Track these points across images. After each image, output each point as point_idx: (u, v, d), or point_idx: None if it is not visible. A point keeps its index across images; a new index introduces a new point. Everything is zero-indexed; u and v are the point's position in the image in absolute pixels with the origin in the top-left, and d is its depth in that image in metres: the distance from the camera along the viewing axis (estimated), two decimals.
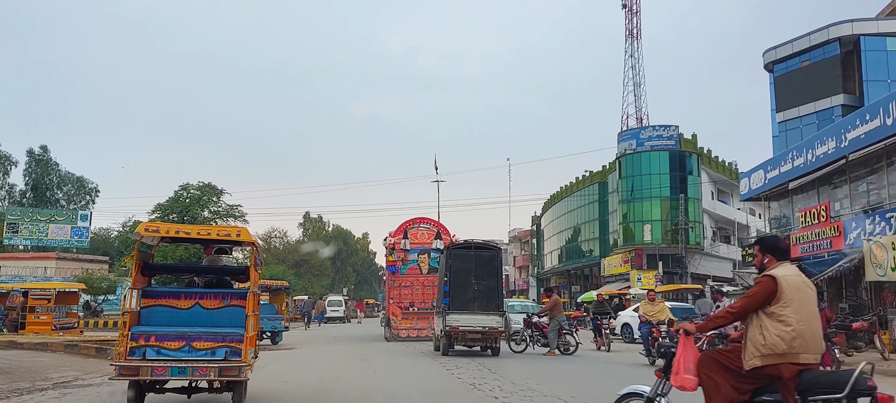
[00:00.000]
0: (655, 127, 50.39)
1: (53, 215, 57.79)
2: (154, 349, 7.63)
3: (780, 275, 4.78)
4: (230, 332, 7.86)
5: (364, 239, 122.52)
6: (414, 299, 25.90)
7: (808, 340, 4.67)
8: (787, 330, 4.64)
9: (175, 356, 7.65)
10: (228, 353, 7.77)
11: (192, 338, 7.73)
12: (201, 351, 7.72)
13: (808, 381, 4.61)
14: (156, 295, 8.23)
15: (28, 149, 71.80)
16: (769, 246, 5.12)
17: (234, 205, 60.17)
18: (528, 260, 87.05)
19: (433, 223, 28.15)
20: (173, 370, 7.63)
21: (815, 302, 4.86)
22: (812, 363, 4.73)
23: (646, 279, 46.78)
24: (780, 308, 4.68)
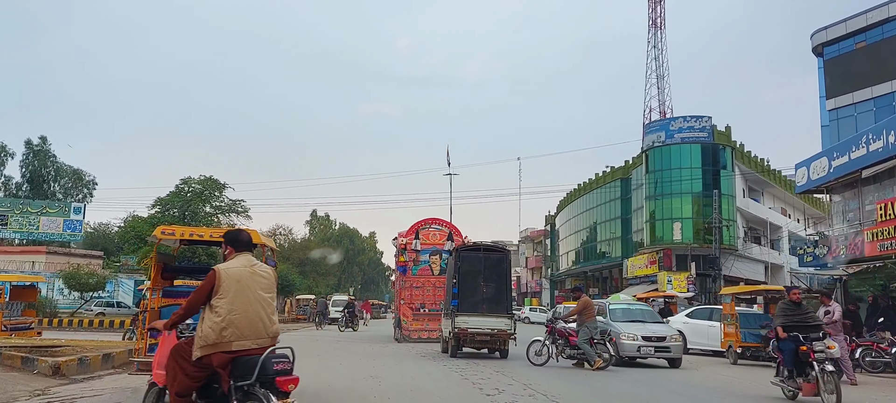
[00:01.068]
0: (686, 117, 46.54)
1: (45, 207, 54.28)
2: None
3: (223, 268, 5.01)
4: None
5: (371, 239, 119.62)
6: (425, 300, 25.41)
7: (241, 328, 4.87)
8: (218, 321, 4.81)
9: None
10: None
11: None
12: None
13: (239, 367, 4.82)
14: (175, 295, 8.71)
15: (26, 140, 68.41)
16: (230, 238, 5.33)
17: (236, 201, 57.40)
18: (542, 261, 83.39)
19: (445, 224, 27.50)
20: None
21: (264, 290, 5.07)
22: (252, 348, 4.89)
23: (676, 281, 43.00)
24: (217, 299, 4.87)
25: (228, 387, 4.77)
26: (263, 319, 4.97)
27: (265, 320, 4.99)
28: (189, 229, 9.83)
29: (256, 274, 5.04)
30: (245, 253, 5.18)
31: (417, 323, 25.02)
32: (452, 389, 11.01)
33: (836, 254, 25.59)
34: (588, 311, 15.63)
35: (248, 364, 4.77)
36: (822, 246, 27.51)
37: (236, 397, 4.76)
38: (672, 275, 43.37)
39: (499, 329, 16.99)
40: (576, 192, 67.05)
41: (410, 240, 26.20)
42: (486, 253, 18.16)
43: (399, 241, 26.88)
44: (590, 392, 11.32)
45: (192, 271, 11.87)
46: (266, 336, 4.96)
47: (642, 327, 16.61)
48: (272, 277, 5.22)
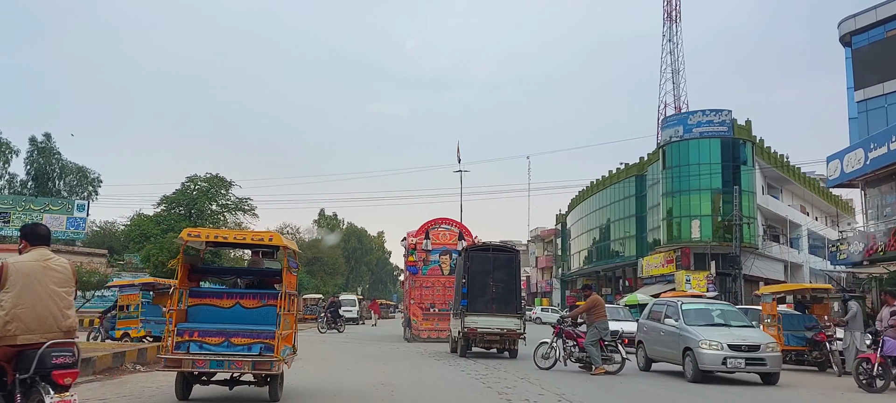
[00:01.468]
0: (705, 111, 44.89)
1: (48, 204, 53.13)
2: (196, 344, 8.33)
3: (12, 262, 4.95)
4: (264, 329, 8.45)
5: (379, 238, 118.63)
6: (435, 300, 25.22)
7: (28, 322, 4.86)
8: (2, 315, 4.79)
9: (214, 350, 8.31)
10: (263, 349, 8.36)
11: (231, 334, 8.40)
12: (238, 347, 8.36)
13: (22, 360, 4.83)
14: (202, 295, 9.00)
15: (30, 137, 67.25)
16: (26, 232, 5.29)
17: (243, 199, 56.30)
18: (552, 260, 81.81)
19: (455, 224, 27.33)
20: (212, 363, 8.29)
21: (58, 284, 5.04)
22: (37, 342, 4.89)
23: (696, 280, 41.41)
24: (3, 293, 4.81)
25: (13, 380, 4.82)
26: (55, 313, 4.99)
27: (57, 314, 5.00)
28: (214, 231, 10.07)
29: (49, 268, 5.04)
30: (41, 247, 5.16)
31: (427, 323, 24.75)
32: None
33: (874, 251, 24.08)
34: (597, 310, 14.24)
35: (30, 357, 4.83)
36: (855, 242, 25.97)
37: (20, 390, 4.83)
38: (691, 275, 41.79)
39: (508, 328, 16.91)
40: (588, 190, 65.48)
41: (420, 240, 25.97)
42: (495, 253, 18.02)
43: (409, 241, 26.69)
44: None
45: (219, 272, 11.97)
46: (57, 331, 4.99)
47: (727, 333, 13.24)
48: (69, 271, 5.21)
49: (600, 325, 14.08)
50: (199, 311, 8.78)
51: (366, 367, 14.45)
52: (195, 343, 8.30)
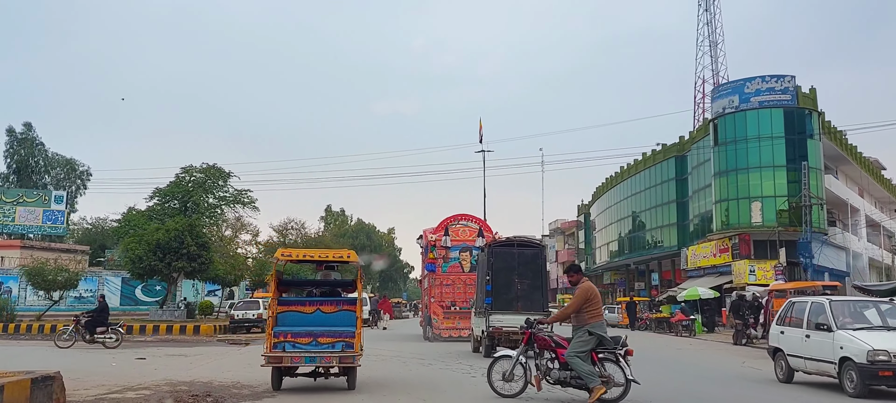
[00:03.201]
0: (765, 77, 38.48)
1: (21, 196, 47.18)
2: (290, 344, 10.01)
3: None
4: (345, 330, 10.19)
5: (389, 235, 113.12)
6: (455, 298, 24.69)
7: None
8: None
9: (305, 348, 10.03)
10: (344, 346, 10.08)
11: (317, 335, 10.12)
12: (324, 345, 10.08)
13: None
14: (288, 303, 10.65)
15: (7, 127, 61.46)
16: None
17: (242, 190, 51.11)
18: (574, 254, 75.58)
19: (475, 219, 26.57)
20: (306, 359, 9.99)
21: None
22: None
23: (761, 271, 35.12)
24: None
25: None
26: None
27: None
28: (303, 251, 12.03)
29: None
30: None
31: (448, 322, 23.89)
32: None
33: None
34: (592, 306, 9.19)
35: None
36: None
37: None
38: (755, 264, 35.48)
39: None
40: (616, 178, 59.27)
41: (439, 237, 25.27)
42: (520, 249, 17.30)
43: (427, 238, 26.10)
44: None
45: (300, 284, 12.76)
46: None
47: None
48: None
49: (596, 328, 9.17)
50: (287, 317, 10.39)
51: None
52: (289, 343, 10.01)
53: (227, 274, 37.47)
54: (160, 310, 33.52)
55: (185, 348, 21.56)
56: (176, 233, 32.95)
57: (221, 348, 22.09)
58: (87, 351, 19.13)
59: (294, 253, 11.44)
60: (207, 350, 20.67)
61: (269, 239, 76.31)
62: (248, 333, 30.10)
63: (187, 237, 32.77)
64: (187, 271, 32.96)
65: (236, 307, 30.90)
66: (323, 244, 77.28)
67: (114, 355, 18.31)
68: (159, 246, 32.54)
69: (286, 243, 77.88)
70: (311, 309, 10.50)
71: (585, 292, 9.18)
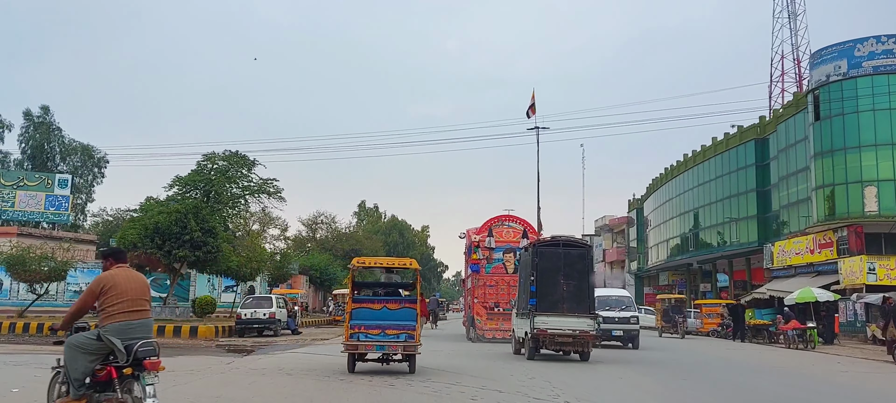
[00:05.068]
0: (879, 38, 31.47)
1: (22, 179, 42.05)
2: (363, 334, 11.91)
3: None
4: (407, 324, 12.02)
5: (422, 233, 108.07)
6: (499, 299, 24.42)
7: None
8: None
9: (376, 338, 11.92)
10: (407, 337, 11.91)
11: (385, 327, 11.93)
12: (391, 336, 11.89)
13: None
14: (360, 301, 12.48)
15: (25, 111, 56.89)
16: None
17: (268, 180, 45.90)
18: (624, 253, 68.79)
19: (519, 220, 26.18)
20: (377, 347, 11.94)
21: None
22: None
23: (883, 269, 28.31)
24: None
25: None
26: None
27: None
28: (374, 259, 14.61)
29: None
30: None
31: (492, 323, 23.82)
32: None
33: None
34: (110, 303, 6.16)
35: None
36: None
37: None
38: (875, 261, 28.62)
39: (581, 329, 15.62)
40: (677, 167, 52.50)
41: (483, 238, 25.15)
42: (565, 249, 16.65)
43: (470, 239, 26.08)
44: None
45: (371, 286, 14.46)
46: None
47: None
48: None
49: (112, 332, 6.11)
50: (360, 312, 12.19)
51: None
52: (362, 333, 11.91)
53: (241, 267, 31.73)
54: (159, 308, 27.80)
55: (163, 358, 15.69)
56: (177, 217, 27.25)
57: (214, 357, 16.17)
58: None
59: (367, 261, 13.46)
60: (190, 363, 14.79)
61: (298, 234, 71.38)
62: (258, 337, 24.23)
63: (191, 220, 27.06)
64: (191, 261, 27.19)
65: (244, 304, 25.01)
66: (355, 239, 72.13)
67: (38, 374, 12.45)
68: (158, 231, 26.88)
69: (316, 237, 73.14)
70: (379, 306, 12.17)
71: (97, 283, 6.29)
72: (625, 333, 19.07)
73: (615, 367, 15.12)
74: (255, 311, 23.90)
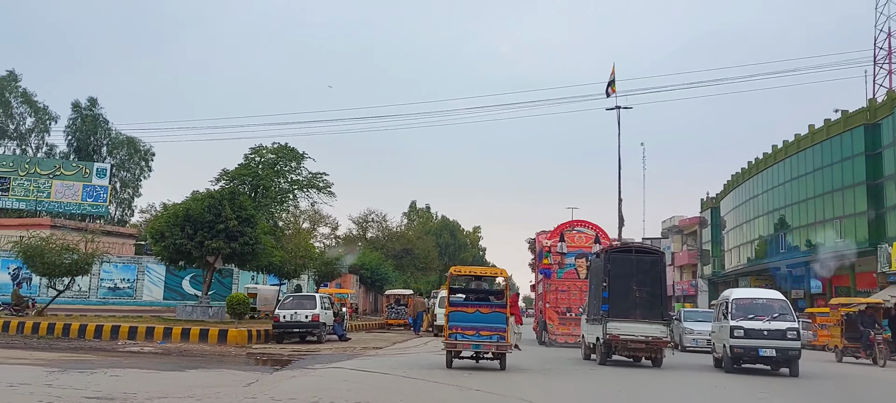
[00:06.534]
0: None
1: (58, 167, 39.36)
2: (460, 334, 13.31)
3: None
4: (498, 326, 13.32)
5: (474, 233, 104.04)
6: (571, 304, 24.06)
7: None
8: None
9: (471, 338, 13.27)
10: (498, 338, 13.24)
11: (479, 329, 13.26)
12: (484, 336, 13.21)
13: None
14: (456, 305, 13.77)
15: (73, 102, 54.70)
16: None
17: (317, 174, 42.77)
18: (696, 256, 63.12)
19: (591, 225, 25.95)
20: (473, 345, 13.26)
21: None
22: None
23: None
24: None
25: None
26: None
27: None
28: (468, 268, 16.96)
29: None
30: None
31: (564, 328, 23.75)
32: None
33: None
34: None
35: None
36: None
37: None
38: None
39: (654, 336, 15.43)
40: (763, 161, 46.93)
41: (555, 243, 25.15)
42: (638, 255, 16.73)
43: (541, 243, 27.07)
44: None
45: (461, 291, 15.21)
46: None
47: None
48: None
49: None
50: (456, 315, 13.48)
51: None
52: (459, 334, 13.30)
53: (284, 263, 27.98)
54: (190, 308, 24.16)
55: (166, 375, 11.77)
56: (210, 203, 23.56)
57: (234, 373, 12.19)
58: None
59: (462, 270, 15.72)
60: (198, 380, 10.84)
61: (349, 232, 67.98)
62: (299, 343, 20.23)
63: (226, 207, 23.32)
64: (226, 254, 23.43)
65: (282, 304, 21.02)
66: (406, 239, 68.51)
67: None
68: (189, 219, 23.23)
69: (367, 237, 69.75)
70: (472, 310, 13.62)
71: None
72: (778, 353, 13.86)
73: None
74: (295, 313, 19.93)
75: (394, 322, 32.20)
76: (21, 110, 51.61)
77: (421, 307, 29.73)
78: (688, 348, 21.94)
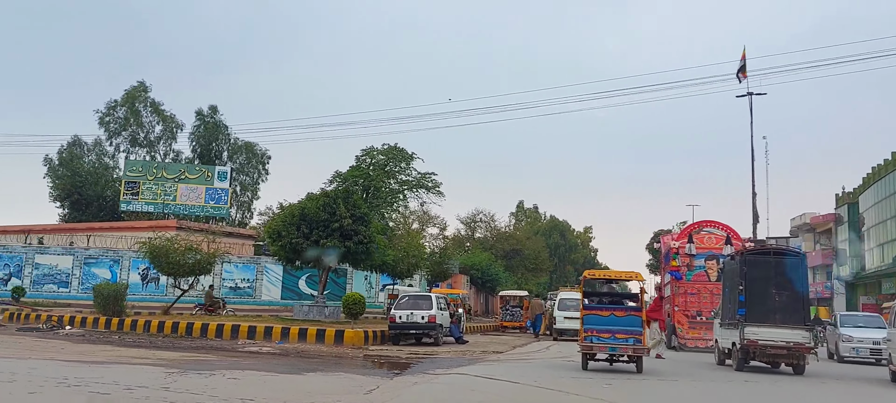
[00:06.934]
0: None
1: (183, 171, 40.94)
2: (596, 337, 13.30)
3: None
4: (635, 329, 13.31)
5: (585, 234, 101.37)
6: (701, 308, 23.39)
7: None
8: None
9: (607, 341, 13.24)
10: (635, 341, 13.18)
11: (615, 332, 13.25)
12: (620, 339, 13.19)
13: None
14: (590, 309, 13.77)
15: (197, 110, 57.13)
16: None
17: (426, 174, 42.65)
18: (830, 256, 57.97)
19: (721, 226, 24.79)
20: (610, 348, 13.21)
21: None
22: None
23: None
24: None
25: None
26: None
27: None
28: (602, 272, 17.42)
29: None
30: None
31: (694, 332, 23.06)
32: None
33: None
34: None
35: None
36: None
37: None
38: None
39: (796, 341, 14.72)
40: None
41: (683, 244, 24.42)
42: (777, 257, 16.06)
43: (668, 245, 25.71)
44: None
45: (598, 294, 15.03)
46: None
47: None
48: None
49: None
50: (590, 318, 13.53)
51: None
52: (595, 337, 13.29)
53: (396, 262, 27.45)
54: (307, 307, 24.00)
55: (284, 379, 11.15)
56: (325, 202, 23.31)
57: (353, 378, 11.40)
58: None
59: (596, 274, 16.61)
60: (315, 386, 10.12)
61: (457, 233, 67.47)
62: (415, 345, 19.43)
63: (340, 206, 23.00)
64: (341, 253, 23.07)
65: (398, 304, 20.27)
66: (515, 239, 67.24)
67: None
68: (304, 218, 23.08)
69: (475, 237, 69.01)
70: (607, 313, 13.56)
71: None
72: None
73: None
74: (411, 313, 19.11)
75: (509, 324, 31.01)
76: (150, 119, 54.33)
77: (539, 309, 28.30)
78: (846, 358, 19.41)
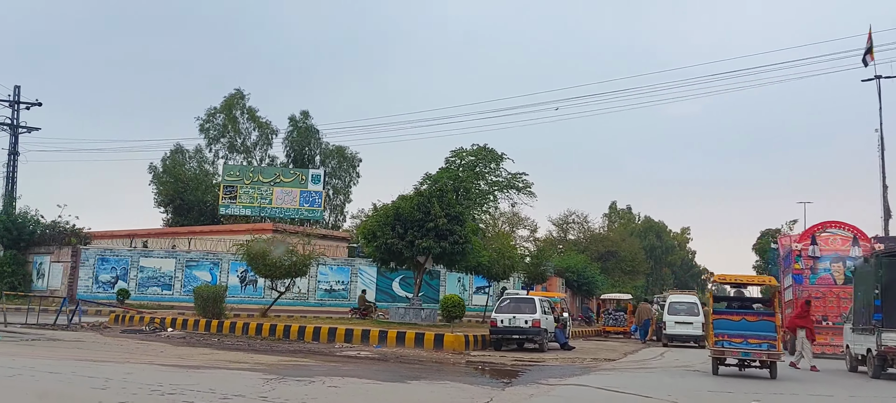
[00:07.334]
0: None
1: (278, 175, 41.34)
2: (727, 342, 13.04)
3: None
4: (768, 334, 12.98)
5: (682, 235, 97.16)
6: (827, 312, 22.26)
7: None
8: None
9: (739, 346, 12.97)
10: (769, 346, 12.88)
11: (747, 337, 12.96)
12: (753, 344, 12.93)
13: None
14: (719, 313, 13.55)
15: (290, 116, 58.08)
16: None
17: (516, 174, 41.68)
18: None
19: (848, 227, 23.58)
20: (743, 353, 12.97)
21: None
22: None
23: None
24: None
25: None
26: None
27: None
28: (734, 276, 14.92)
29: None
30: None
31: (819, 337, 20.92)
32: None
33: None
34: None
35: None
36: None
37: None
38: None
39: None
40: None
41: (805, 246, 23.59)
42: None
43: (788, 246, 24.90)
44: None
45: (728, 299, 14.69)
46: None
47: None
48: None
49: None
50: (720, 322, 13.26)
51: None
52: (726, 341, 13.02)
53: (491, 264, 26.35)
54: (403, 310, 23.24)
55: (386, 387, 10.19)
56: (419, 201, 22.48)
57: (461, 388, 10.31)
58: None
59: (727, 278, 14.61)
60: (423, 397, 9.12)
61: (548, 235, 65.66)
62: (518, 350, 18.21)
63: (435, 205, 22.10)
64: (436, 253, 22.14)
65: (499, 307, 19.10)
66: (610, 241, 64.85)
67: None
68: (399, 218, 22.32)
69: (568, 238, 67.01)
70: (738, 318, 13.31)
71: None
72: None
73: None
74: (513, 317, 17.92)
75: (612, 329, 29.28)
76: (246, 126, 55.58)
77: (646, 314, 26.49)
78: None
